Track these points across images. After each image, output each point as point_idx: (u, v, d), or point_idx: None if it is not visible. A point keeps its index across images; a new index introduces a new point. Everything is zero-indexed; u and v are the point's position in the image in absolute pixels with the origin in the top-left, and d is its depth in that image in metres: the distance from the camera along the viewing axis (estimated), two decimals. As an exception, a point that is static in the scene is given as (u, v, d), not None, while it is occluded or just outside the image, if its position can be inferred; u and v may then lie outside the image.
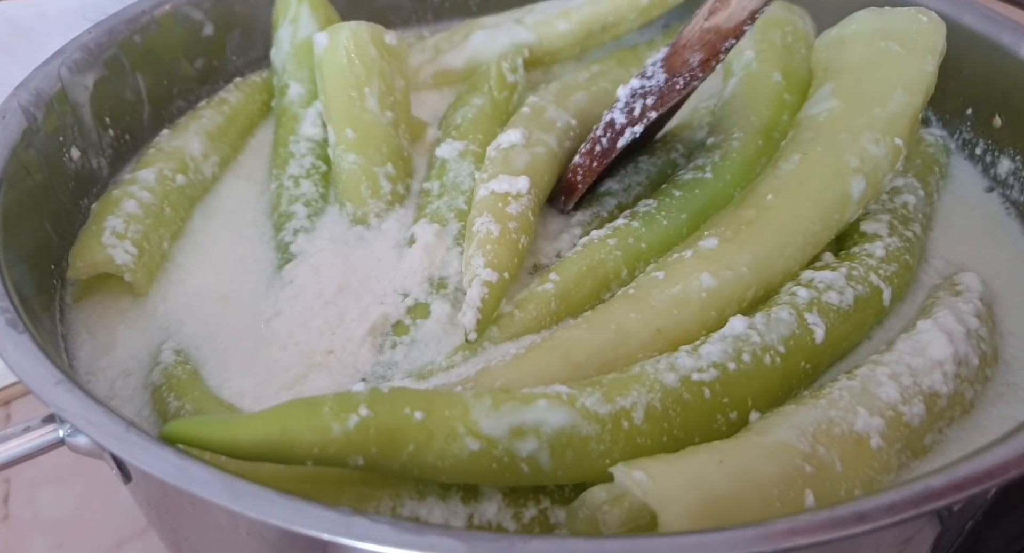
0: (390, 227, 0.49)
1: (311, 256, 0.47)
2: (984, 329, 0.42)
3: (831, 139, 0.45)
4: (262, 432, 0.31)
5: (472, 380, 0.38)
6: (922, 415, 0.38)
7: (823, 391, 0.38)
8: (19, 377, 0.34)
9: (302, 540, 0.29)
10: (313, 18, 0.57)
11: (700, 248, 0.43)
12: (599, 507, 0.33)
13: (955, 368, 0.39)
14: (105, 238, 0.45)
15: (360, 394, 0.33)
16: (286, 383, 0.42)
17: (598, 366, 0.39)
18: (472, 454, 0.33)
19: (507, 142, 0.49)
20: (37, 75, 0.49)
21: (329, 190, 0.52)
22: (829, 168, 0.44)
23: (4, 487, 0.55)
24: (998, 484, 0.30)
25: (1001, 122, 0.52)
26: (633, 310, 0.40)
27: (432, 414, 0.33)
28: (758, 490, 0.33)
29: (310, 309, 0.45)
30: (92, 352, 0.45)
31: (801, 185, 0.44)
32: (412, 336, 0.43)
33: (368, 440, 0.32)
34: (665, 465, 0.33)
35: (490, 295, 0.41)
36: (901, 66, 0.46)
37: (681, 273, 0.42)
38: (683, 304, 0.41)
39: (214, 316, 0.46)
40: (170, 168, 0.51)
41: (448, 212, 0.48)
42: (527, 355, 0.39)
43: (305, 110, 0.55)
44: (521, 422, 0.33)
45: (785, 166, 0.45)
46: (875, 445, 0.36)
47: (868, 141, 0.44)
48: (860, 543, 0.31)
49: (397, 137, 0.52)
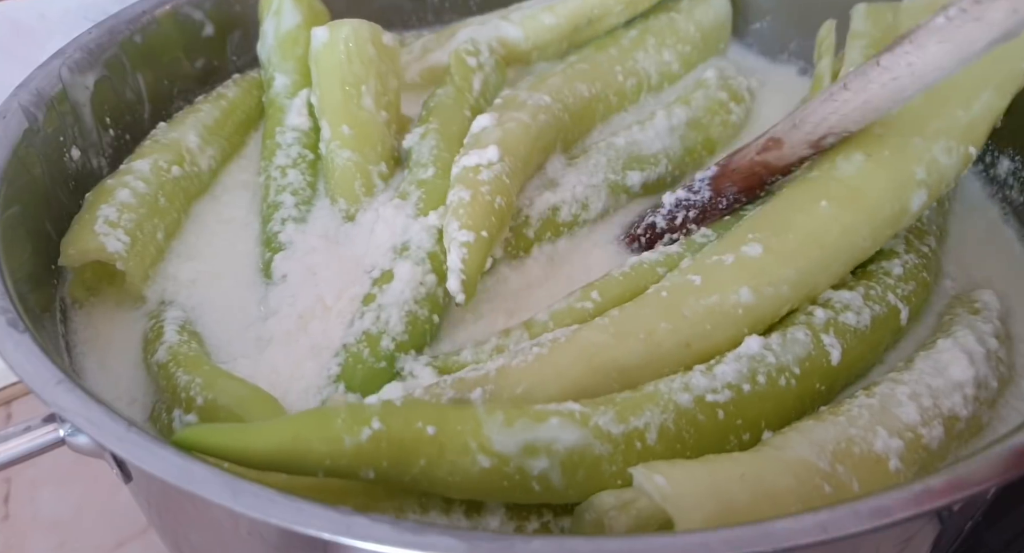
0: (370, 219, 0.49)
1: (304, 253, 0.47)
2: (1003, 350, 0.42)
3: (902, 143, 0.41)
4: (274, 442, 0.31)
5: (492, 380, 0.37)
6: (941, 438, 0.37)
7: (841, 407, 0.38)
8: (20, 377, 0.34)
9: (302, 540, 0.29)
10: (296, 9, 0.57)
11: (742, 254, 0.40)
12: (606, 512, 0.33)
13: (975, 391, 0.39)
14: (98, 226, 0.45)
15: (373, 407, 0.33)
16: (280, 381, 0.42)
17: (620, 373, 0.37)
18: (483, 471, 0.32)
19: (478, 127, 0.49)
20: (37, 75, 0.49)
21: (317, 179, 0.52)
22: (894, 178, 0.40)
23: (4, 487, 0.55)
24: (998, 484, 0.30)
25: (1001, 122, 0.52)
26: (664, 318, 0.38)
27: (444, 428, 0.32)
28: (776, 505, 0.32)
29: (309, 310, 0.45)
30: (92, 352, 0.45)
31: (860, 195, 0.40)
32: (379, 301, 0.43)
33: (380, 453, 0.31)
34: (685, 472, 0.32)
35: (470, 255, 0.41)
36: (995, 61, 0.39)
37: (719, 282, 0.39)
38: (717, 319, 0.38)
39: (214, 315, 0.47)
40: (165, 159, 0.51)
41: (409, 186, 0.48)
42: (549, 356, 0.38)
43: (291, 100, 0.55)
44: (533, 439, 0.33)
45: (845, 167, 0.41)
46: (893, 468, 0.35)
47: (941, 150, 0.41)
48: (860, 543, 0.31)
49: (390, 137, 0.52)
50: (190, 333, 0.44)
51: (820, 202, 0.41)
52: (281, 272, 0.47)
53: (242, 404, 0.39)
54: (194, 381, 0.40)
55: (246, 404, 0.39)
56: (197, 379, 0.40)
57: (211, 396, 0.39)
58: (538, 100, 0.51)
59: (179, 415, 0.40)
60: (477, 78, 0.55)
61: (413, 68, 0.61)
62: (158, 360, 0.42)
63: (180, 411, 0.40)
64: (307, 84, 0.55)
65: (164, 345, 0.43)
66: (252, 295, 0.48)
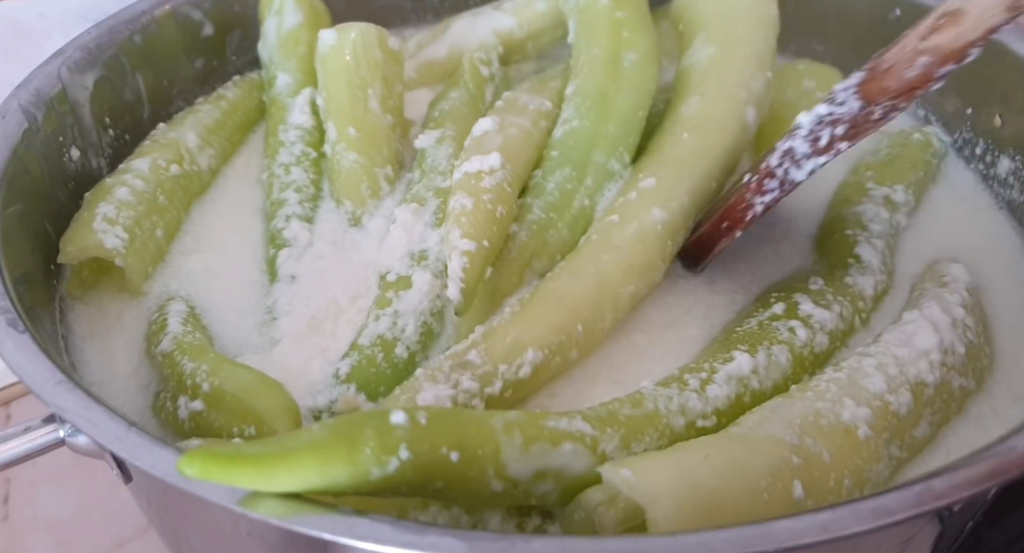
0: (379, 223, 0.49)
1: (309, 252, 0.48)
2: (971, 318, 0.43)
3: (720, 79, 0.50)
4: (299, 476, 0.29)
5: (482, 341, 0.40)
6: (909, 404, 0.38)
7: (810, 384, 0.39)
8: (20, 377, 0.34)
9: (303, 540, 0.29)
10: (297, 9, 0.57)
11: (642, 188, 0.46)
12: (595, 508, 0.33)
13: (940, 357, 0.40)
14: (96, 224, 0.45)
15: (401, 428, 0.31)
16: (289, 377, 0.42)
17: (589, 306, 0.42)
18: (493, 494, 0.33)
19: (480, 130, 0.49)
20: (37, 75, 0.49)
21: (321, 177, 0.52)
22: (726, 103, 0.49)
23: (4, 487, 0.55)
24: (998, 484, 0.30)
25: (1001, 122, 0.52)
26: (603, 251, 0.44)
27: (465, 453, 0.32)
28: (745, 482, 0.33)
29: (322, 311, 0.45)
30: (92, 352, 0.45)
31: (709, 121, 0.48)
32: (395, 307, 0.43)
33: (404, 481, 0.31)
34: (651, 462, 0.33)
35: (471, 264, 0.41)
36: (757, 11, 0.52)
37: (633, 212, 0.45)
38: (645, 237, 0.44)
39: (216, 311, 0.47)
40: (164, 158, 0.51)
41: (426, 192, 0.48)
42: (525, 310, 0.42)
43: (293, 99, 0.55)
44: (545, 466, 0.34)
45: (687, 108, 0.49)
46: (863, 435, 0.36)
47: (748, 76, 0.49)
48: (860, 543, 0.31)
49: (395, 140, 0.52)
50: (194, 324, 0.44)
51: (683, 135, 0.48)
52: (289, 272, 0.47)
53: (248, 390, 0.39)
54: (200, 368, 0.40)
55: (252, 390, 0.39)
56: (203, 366, 0.40)
57: (217, 382, 0.39)
58: (539, 105, 0.52)
59: (185, 402, 0.40)
60: (489, 89, 0.56)
61: (409, 65, 0.61)
62: (162, 350, 0.42)
63: (186, 398, 0.40)
64: (309, 83, 0.55)
65: (168, 335, 0.43)
66: (254, 292, 0.48)
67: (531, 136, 0.49)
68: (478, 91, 0.55)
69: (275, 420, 0.38)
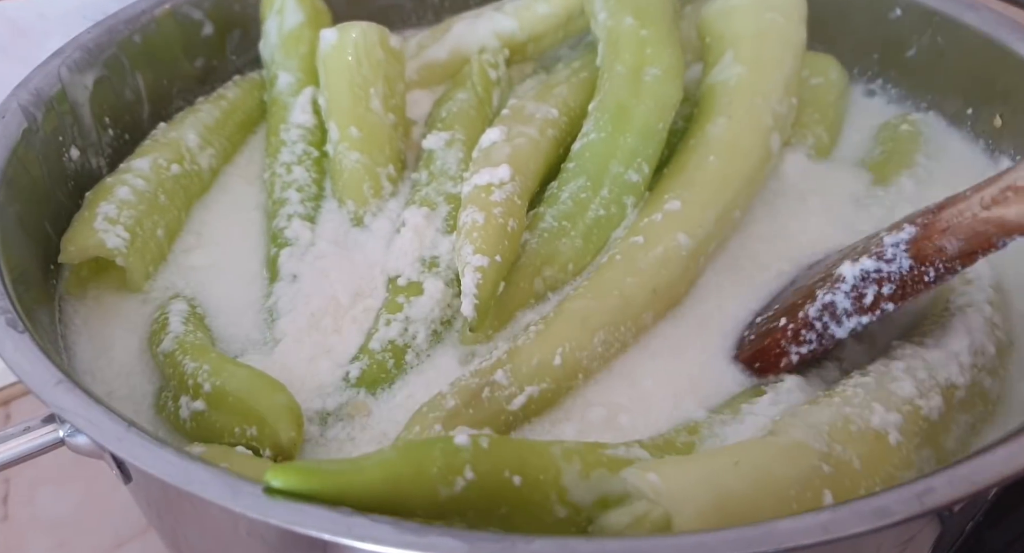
0: (383, 224, 0.49)
1: (311, 252, 0.48)
2: (998, 316, 0.42)
3: (748, 102, 0.49)
4: (370, 490, 0.30)
5: (508, 361, 0.40)
6: (940, 408, 0.37)
7: (836, 389, 0.38)
8: (19, 377, 0.34)
9: (302, 540, 0.29)
10: (299, 8, 0.57)
11: (667, 211, 0.46)
12: (620, 533, 0.32)
13: (971, 358, 0.39)
14: (97, 223, 0.45)
15: (465, 449, 0.32)
16: (293, 379, 0.42)
17: (610, 328, 0.42)
18: (558, 520, 0.32)
19: (488, 141, 0.49)
20: (37, 75, 0.49)
21: (323, 177, 0.52)
22: (752, 128, 0.49)
23: (4, 487, 0.55)
24: (999, 484, 0.30)
25: (1001, 122, 0.52)
26: (628, 274, 0.43)
27: (527, 477, 0.32)
28: (774, 491, 0.32)
29: (322, 310, 0.45)
30: (92, 352, 0.45)
31: (735, 146, 0.48)
32: (406, 313, 0.43)
33: (470, 504, 0.31)
34: (678, 467, 0.33)
35: (484, 280, 0.41)
36: (786, 35, 0.52)
37: (658, 236, 0.45)
38: (670, 263, 0.44)
39: (218, 311, 0.47)
40: (165, 157, 0.51)
41: (437, 196, 0.48)
42: (549, 329, 0.41)
43: (295, 98, 0.55)
44: (608, 491, 0.33)
45: (713, 129, 0.49)
46: (893, 441, 0.35)
47: (775, 102, 0.49)
48: (861, 543, 0.31)
49: (398, 140, 0.52)
50: (196, 323, 0.44)
51: (708, 157, 0.48)
52: (291, 271, 0.47)
53: (250, 391, 0.39)
54: (201, 368, 0.40)
55: (254, 391, 0.39)
56: (204, 366, 0.40)
57: (219, 382, 0.39)
58: (546, 113, 0.51)
59: (186, 402, 0.40)
60: (496, 93, 0.56)
61: (410, 65, 0.60)
62: (164, 350, 0.42)
63: (188, 398, 0.40)
64: (310, 82, 0.55)
65: (170, 335, 0.43)
66: (256, 290, 0.48)
67: (538, 145, 0.49)
68: (486, 94, 0.55)
69: (276, 420, 0.38)
